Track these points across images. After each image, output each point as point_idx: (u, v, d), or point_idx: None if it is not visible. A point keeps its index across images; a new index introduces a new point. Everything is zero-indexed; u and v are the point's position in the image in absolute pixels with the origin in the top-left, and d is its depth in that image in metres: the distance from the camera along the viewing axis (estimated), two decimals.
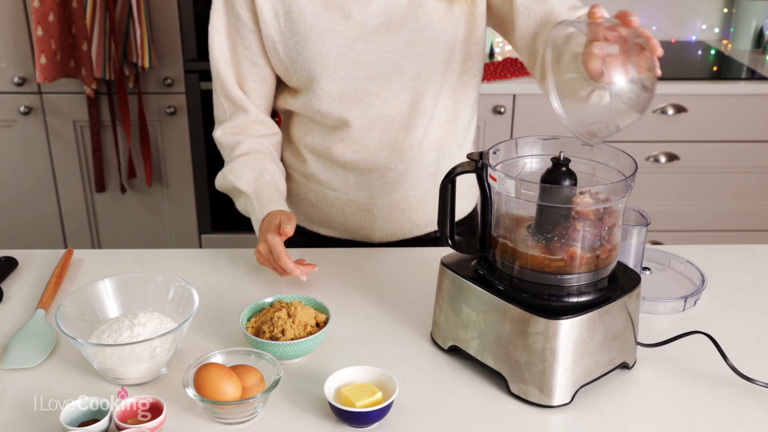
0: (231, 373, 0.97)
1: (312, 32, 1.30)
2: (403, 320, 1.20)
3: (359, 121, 1.36)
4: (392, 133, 1.37)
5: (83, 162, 2.67)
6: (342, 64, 1.31)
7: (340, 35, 1.30)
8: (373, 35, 1.30)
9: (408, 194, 1.44)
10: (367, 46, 1.30)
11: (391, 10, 1.29)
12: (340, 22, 1.29)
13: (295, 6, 1.29)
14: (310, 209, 1.49)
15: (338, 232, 1.49)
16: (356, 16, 1.29)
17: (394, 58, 1.31)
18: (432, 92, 1.35)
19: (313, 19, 1.29)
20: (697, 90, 2.55)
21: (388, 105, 1.35)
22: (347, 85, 1.32)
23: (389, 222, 1.46)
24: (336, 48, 1.30)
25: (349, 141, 1.38)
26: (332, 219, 1.48)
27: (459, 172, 1.06)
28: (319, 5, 1.29)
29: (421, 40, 1.31)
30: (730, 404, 1.02)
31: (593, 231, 1.00)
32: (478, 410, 1.01)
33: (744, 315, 1.22)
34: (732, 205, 2.71)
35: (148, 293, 1.14)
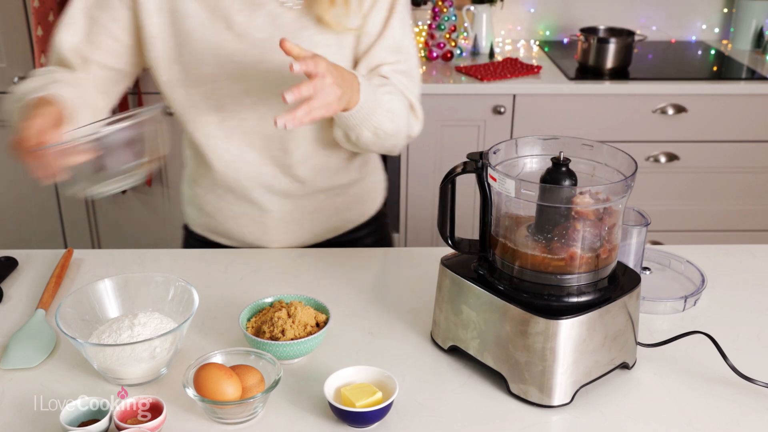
0: (231, 373, 0.97)
1: (192, 36, 1.26)
2: (403, 320, 1.20)
3: (236, 133, 1.33)
4: (272, 151, 1.35)
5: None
6: (219, 74, 1.28)
7: (221, 45, 1.26)
8: (253, 51, 1.27)
9: (300, 206, 1.42)
10: (245, 60, 1.27)
11: (276, 27, 1.26)
12: (222, 31, 1.26)
13: (180, 6, 1.26)
14: (209, 220, 1.46)
15: (237, 242, 1.46)
16: (239, 28, 1.26)
17: (273, 76, 1.28)
18: None
19: (195, 23, 1.26)
20: (697, 90, 2.55)
21: (265, 121, 1.32)
22: (223, 96, 1.29)
23: (284, 233, 1.44)
24: (214, 58, 1.27)
25: (229, 158, 1.35)
26: (229, 230, 1.45)
27: (459, 173, 1.06)
28: (203, 10, 1.25)
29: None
30: (730, 404, 1.02)
31: (593, 231, 1.00)
32: (478, 410, 1.01)
33: (744, 315, 1.22)
34: (732, 205, 2.71)
35: (148, 293, 1.14)
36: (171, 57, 1.29)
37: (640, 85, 2.55)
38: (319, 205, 1.43)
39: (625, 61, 2.67)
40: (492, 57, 2.80)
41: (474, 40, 2.85)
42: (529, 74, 2.62)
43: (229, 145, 1.34)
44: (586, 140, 1.07)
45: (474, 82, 2.56)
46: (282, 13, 1.26)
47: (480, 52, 2.85)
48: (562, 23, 3.02)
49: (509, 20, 3.02)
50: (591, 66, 2.67)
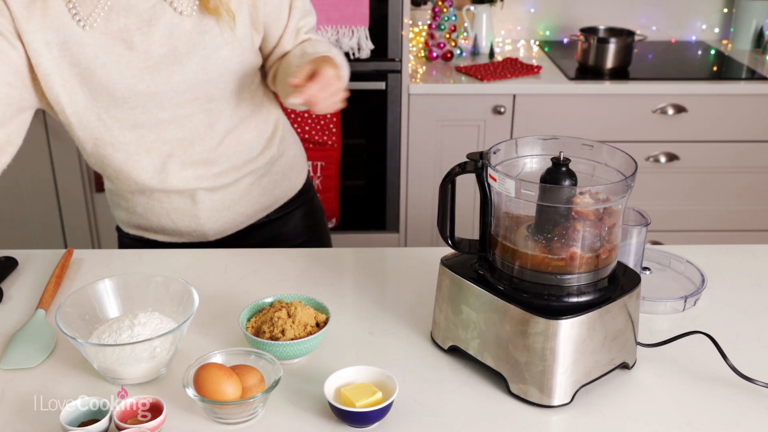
0: (231, 373, 0.97)
1: (95, 64, 1.24)
2: (403, 320, 1.20)
3: (157, 145, 1.33)
4: (193, 156, 1.36)
5: (83, 162, 2.67)
6: (131, 96, 1.27)
7: (126, 66, 1.25)
8: (161, 66, 1.26)
9: (229, 192, 1.43)
10: (155, 78, 1.26)
11: (176, 38, 1.26)
12: (123, 53, 1.24)
13: (72, 37, 1.22)
14: (141, 220, 1.46)
15: (175, 237, 1.47)
16: (140, 46, 1.24)
17: (185, 86, 1.28)
18: (228, 110, 1.34)
19: (94, 51, 1.23)
20: (697, 90, 2.55)
21: (185, 128, 1.32)
22: (138, 114, 1.29)
23: (218, 221, 1.45)
24: (123, 80, 1.25)
25: (152, 170, 1.35)
26: (164, 227, 1.45)
27: (459, 173, 1.06)
28: (99, 36, 1.23)
29: (211, 66, 1.28)
30: (730, 404, 1.02)
31: (593, 231, 1.00)
32: (478, 410, 1.01)
33: (744, 315, 1.22)
34: (732, 205, 2.71)
35: (148, 293, 1.14)
36: (73, 88, 1.26)
37: (640, 85, 2.55)
38: (247, 188, 1.45)
39: (625, 61, 2.67)
40: (492, 57, 2.80)
41: (474, 40, 2.85)
42: (529, 74, 2.62)
43: (151, 157, 1.35)
44: (586, 140, 1.07)
45: (474, 82, 2.56)
46: (179, 22, 1.26)
47: (480, 52, 2.85)
48: (562, 23, 3.02)
49: (509, 20, 3.02)
50: (591, 66, 2.67)
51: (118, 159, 1.35)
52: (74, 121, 1.30)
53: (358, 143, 2.66)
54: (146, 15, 1.24)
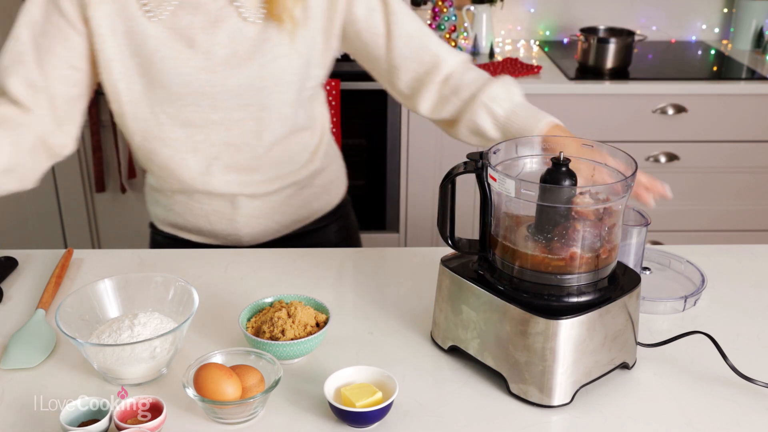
0: (231, 373, 0.97)
1: (155, 57, 1.25)
2: (403, 320, 1.20)
3: (204, 146, 1.33)
4: (239, 161, 1.36)
5: (83, 162, 2.67)
6: (186, 93, 1.27)
7: (184, 64, 1.25)
8: (219, 67, 1.27)
9: (269, 200, 1.43)
10: (211, 78, 1.27)
11: (238, 42, 1.26)
12: (183, 50, 1.25)
13: (138, 27, 1.24)
14: (178, 219, 1.46)
15: (209, 239, 1.48)
16: (201, 46, 1.25)
17: (240, 90, 1.28)
18: (278, 120, 1.34)
19: (156, 43, 1.24)
20: (697, 90, 2.55)
21: (233, 133, 1.32)
22: (190, 112, 1.29)
23: (254, 227, 1.45)
24: (180, 77, 1.26)
25: (197, 170, 1.36)
26: (201, 228, 1.46)
27: (459, 172, 1.06)
28: (163, 30, 1.24)
29: (267, 75, 1.28)
30: (730, 404, 1.02)
31: (593, 231, 1.00)
32: (478, 410, 1.01)
33: (744, 315, 1.22)
34: (732, 205, 2.71)
35: (148, 293, 1.14)
36: (132, 77, 1.27)
37: (640, 85, 2.55)
38: (287, 198, 1.45)
39: (625, 61, 2.67)
40: (492, 57, 2.80)
41: (474, 40, 2.86)
42: (529, 74, 2.62)
43: (197, 157, 1.35)
44: (586, 140, 1.07)
45: None
46: (243, 27, 1.26)
47: (480, 52, 2.85)
48: (562, 23, 3.02)
49: (509, 20, 3.02)
50: (591, 66, 2.67)
51: (165, 155, 1.35)
52: (128, 110, 1.31)
53: (358, 143, 2.66)
54: (213, 16, 1.25)
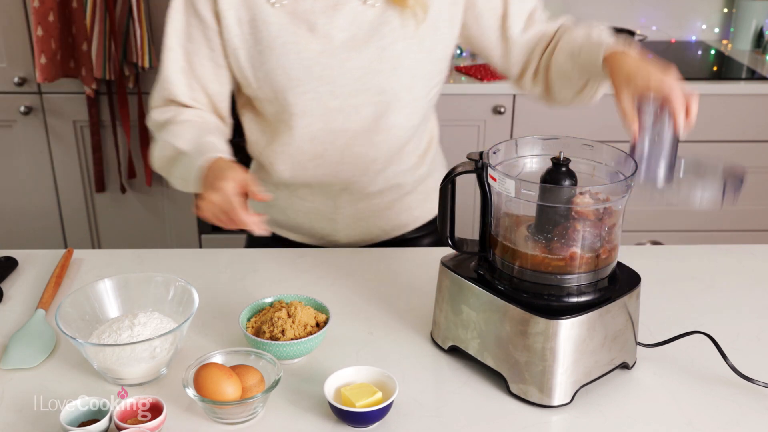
0: (231, 373, 0.97)
1: (276, 43, 1.26)
2: (403, 320, 1.20)
3: (321, 134, 1.33)
4: (355, 147, 1.35)
5: (83, 162, 2.67)
6: (306, 79, 1.27)
7: (305, 48, 1.26)
8: (338, 50, 1.27)
9: (372, 203, 1.43)
10: (331, 62, 1.27)
11: (357, 25, 1.27)
12: (304, 35, 1.26)
13: (260, 14, 1.25)
14: (279, 215, 1.46)
15: (306, 238, 1.48)
16: (321, 30, 1.26)
17: (358, 74, 1.28)
18: (395, 108, 1.33)
19: (277, 29, 1.25)
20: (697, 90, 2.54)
21: (351, 120, 1.32)
22: (310, 99, 1.29)
23: (354, 229, 1.45)
24: (299, 62, 1.26)
25: (309, 160, 1.36)
26: (300, 226, 1.46)
27: (459, 173, 1.06)
28: (284, 15, 1.25)
29: (386, 57, 1.28)
30: (730, 404, 1.02)
31: (593, 231, 1.00)
32: (478, 410, 1.01)
33: (744, 315, 1.22)
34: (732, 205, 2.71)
35: (148, 293, 1.14)
36: (254, 66, 1.29)
37: None
38: (391, 202, 1.45)
39: None
40: None
41: None
42: None
43: (313, 146, 1.34)
44: (586, 140, 1.07)
45: (474, 82, 2.56)
46: (363, 10, 1.27)
47: None
48: None
49: None
50: None
51: (283, 140, 1.35)
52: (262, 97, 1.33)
53: None
54: (333, 0, 1.26)
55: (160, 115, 1.32)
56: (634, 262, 1.11)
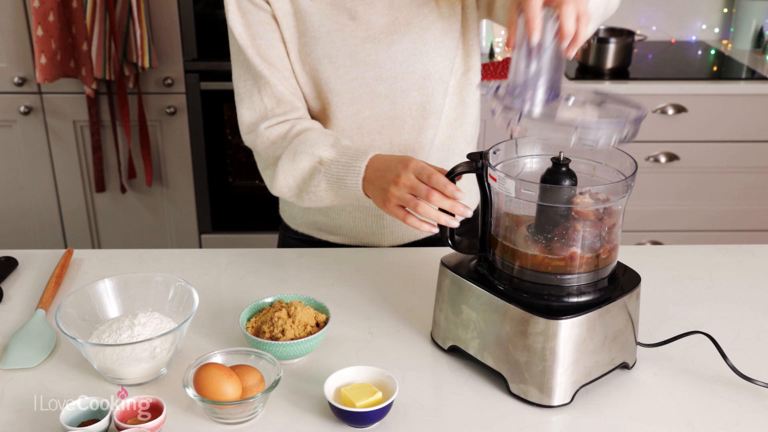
0: (231, 373, 0.97)
1: (320, 32, 1.28)
2: (403, 320, 1.20)
3: (369, 122, 1.33)
4: (403, 134, 1.35)
5: (83, 162, 2.67)
6: (352, 65, 1.29)
7: (349, 35, 1.28)
8: (381, 35, 1.29)
9: None
10: (375, 47, 1.29)
11: (396, 8, 1.29)
12: (347, 23, 1.28)
13: (301, 6, 1.27)
14: (319, 217, 1.45)
15: (348, 239, 1.46)
16: (362, 16, 1.28)
17: (403, 57, 1.30)
18: (441, 91, 1.34)
19: (319, 19, 1.27)
20: (697, 90, 2.55)
21: (398, 106, 1.33)
22: (357, 87, 1.30)
23: (400, 224, 1.44)
24: (345, 48, 1.28)
25: (360, 144, 1.36)
26: (342, 226, 1.45)
27: (459, 172, 1.06)
28: (324, 6, 1.27)
29: (429, 38, 1.30)
30: (730, 404, 1.02)
31: (593, 231, 1.00)
32: (478, 410, 1.01)
33: (744, 315, 1.22)
34: (732, 205, 2.71)
35: (148, 293, 1.14)
36: (302, 58, 1.30)
37: (640, 85, 2.55)
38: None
39: (625, 61, 2.67)
40: (492, 57, 2.80)
41: None
42: None
43: (361, 135, 1.35)
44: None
45: None
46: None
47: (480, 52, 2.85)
48: None
49: None
50: (591, 66, 2.67)
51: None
52: (306, 92, 1.33)
53: None
54: None
55: (270, 132, 1.28)
56: (634, 262, 1.11)
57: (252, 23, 1.27)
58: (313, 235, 1.48)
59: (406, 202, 1.09)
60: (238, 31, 1.27)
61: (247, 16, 1.27)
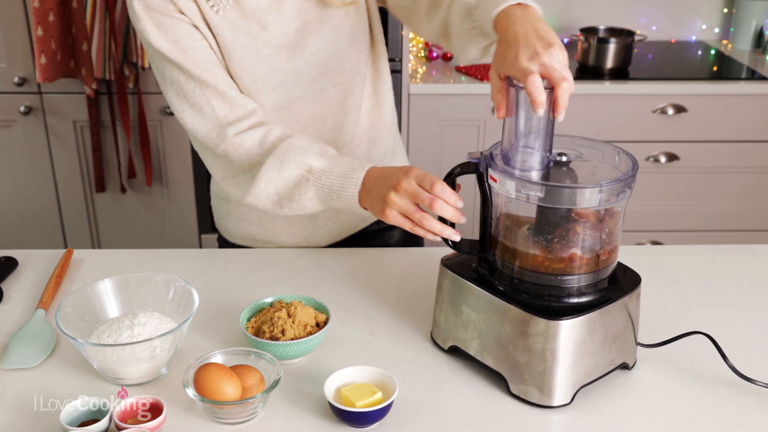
0: (231, 373, 0.97)
1: (234, 46, 1.25)
2: (403, 320, 1.20)
3: (290, 124, 1.32)
4: (325, 133, 1.35)
5: (83, 162, 2.67)
6: (271, 75, 1.28)
7: (263, 45, 1.26)
8: (294, 40, 1.28)
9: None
10: (291, 53, 1.28)
11: (305, 11, 1.28)
12: (260, 34, 1.26)
13: (212, 21, 1.24)
14: (253, 228, 1.44)
15: (285, 244, 1.46)
16: (273, 24, 1.26)
17: (318, 58, 1.30)
18: (357, 85, 1.34)
19: (232, 33, 1.25)
20: (697, 90, 2.55)
21: (317, 105, 1.32)
22: (278, 95, 1.29)
23: (335, 222, 1.43)
24: (261, 60, 1.27)
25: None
26: (278, 233, 1.44)
27: (459, 173, 1.06)
28: (234, 19, 1.24)
29: (341, 35, 1.30)
30: (730, 404, 1.02)
31: (593, 232, 1.00)
32: (478, 410, 1.01)
33: (744, 315, 1.22)
34: (732, 205, 2.71)
35: (148, 293, 1.14)
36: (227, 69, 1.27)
37: (640, 85, 2.55)
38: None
39: (625, 61, 2.67)
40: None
41: None
42: None
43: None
44: (586, 140, 1.07)
45: (474, 82, 2.56)
46: None
47: None
48: (562, 23, 3.02)
49: None
50: (591, 66, 2.67)
51: None
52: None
53: None
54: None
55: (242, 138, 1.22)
56: (634, 262, 1.11)
57: (178, 37, 1.21)
58: (251, 246, 1.48)
59: (408, 212, 1.08)
60: (166, 49, 1.21)
61: (170, 31, 1.21)
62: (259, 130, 1.24)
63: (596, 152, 1.06)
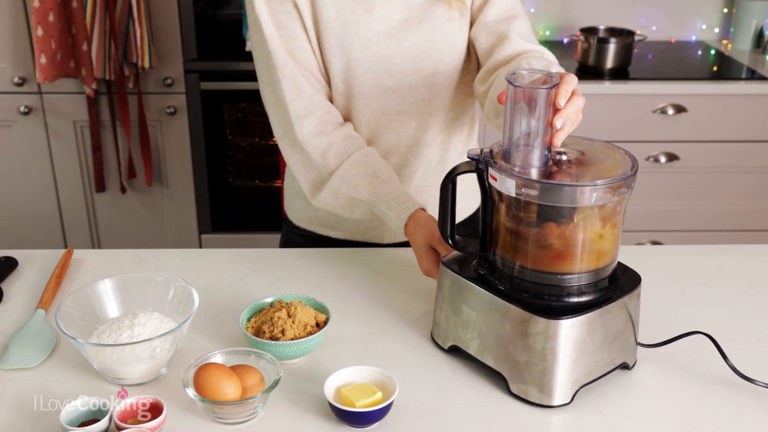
0: (231, 373, 0.97)
1: (336, 23, 1.29)
2: (403, 320, 1.20)
3: (377, 116, 1.35)
4: (409, 130, 1.37)
5: (83, 162, 2.67)
6: (364, 59, 1.31)
7: (364, 28, 1.29)
8: (394, 30, 1.30)
9: (417, 192, 1.44)
10: (388, 41, 1.31)
11: (410, 6, 1.30)
12: (363, 15, 1.29)
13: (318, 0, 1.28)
14: (322, 211, 1.46)
15: (349, 234, 1.47)
16: (378, 10, 1.29)
17: (414, 53, 1.32)
18: (446, 89, 1.36)
19: (336, 10, 1.28)
20: (697, 90, 2.55)
21: (405, 101, 1.35)
22: (367, 80, 1.32)
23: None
24: (359, 41, 1.30)
25: (367, 138, 1.37)
26: (344, 220, 1.45)
27: (460, 172, 1.06)
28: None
29: (439, 37, 1.31)
30: (730, 404, 1.02)
31: (593, 231, 1.00)
32: (478, 410, 1.01)
33: (744, 315, 1.22)
34: (732, 205, 2.71)
35: (148, 293, 1.14)
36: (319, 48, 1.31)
37: (640, 85, 2.55)
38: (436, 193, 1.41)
39: (625, 61, 2.67)
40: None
41: None
42: None
43: (369, 128, 1.37)
44: (586, 139, 1.07)
45: None
46: None
47: None
48: (562, 23, 3.02)
49: None
50: (591, 66, 2.67)
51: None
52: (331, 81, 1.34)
53: None
54: None
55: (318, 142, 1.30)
56: (634, 262, 1.11)
57: (276, 12, 1.28)
58: (315, 230, 1.49)
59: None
60: (264, 20, 1.28)
61: (272, 4, 1.28)
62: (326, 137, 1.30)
63: (596, 152, 1.06)
